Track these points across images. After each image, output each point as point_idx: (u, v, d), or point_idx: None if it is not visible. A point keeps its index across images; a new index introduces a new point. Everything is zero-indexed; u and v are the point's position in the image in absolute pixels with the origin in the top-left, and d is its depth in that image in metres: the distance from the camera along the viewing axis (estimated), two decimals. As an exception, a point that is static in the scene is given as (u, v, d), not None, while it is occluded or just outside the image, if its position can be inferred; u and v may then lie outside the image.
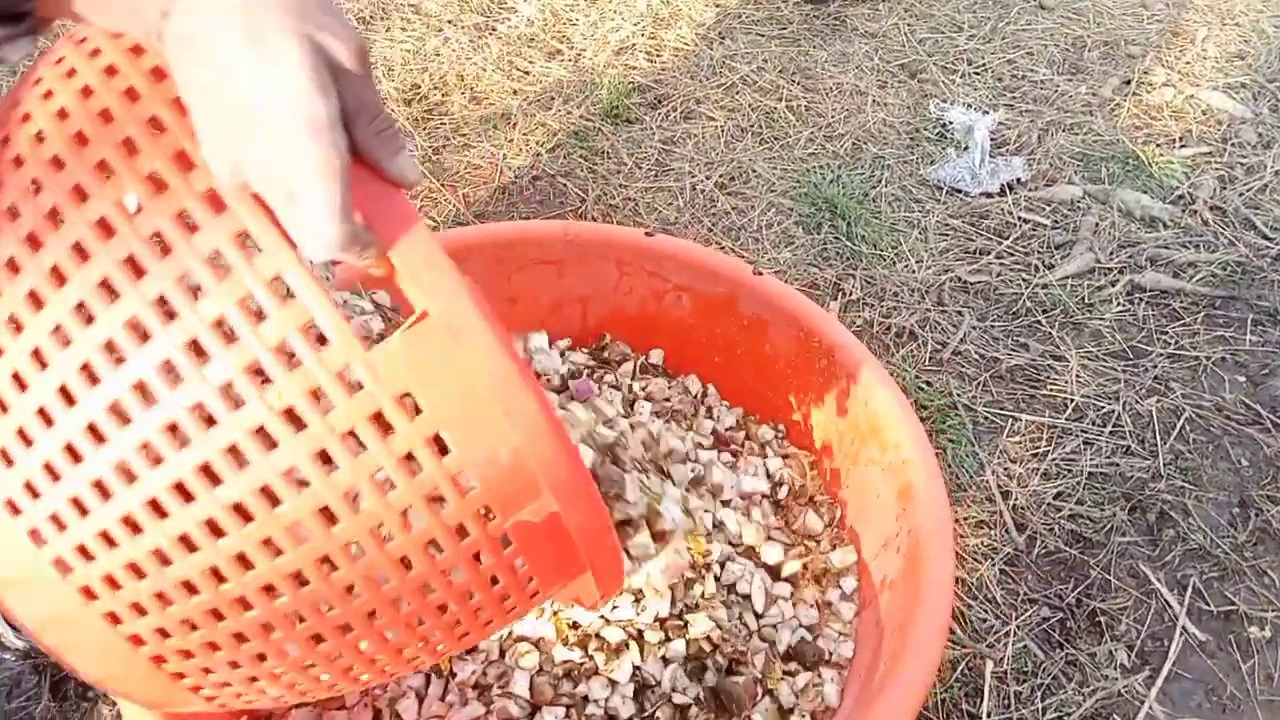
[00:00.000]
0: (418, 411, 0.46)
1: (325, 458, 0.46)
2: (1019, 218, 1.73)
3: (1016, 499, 1.30)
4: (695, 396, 1.09)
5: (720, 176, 1.76)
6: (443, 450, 0.47)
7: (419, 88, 1.90)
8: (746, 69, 2.00)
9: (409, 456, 0.47)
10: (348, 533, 0.47)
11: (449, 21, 2.08)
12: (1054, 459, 1.35)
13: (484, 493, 0.48)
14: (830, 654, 0.87)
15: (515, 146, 1.78)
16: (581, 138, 1.81)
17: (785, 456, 1.03)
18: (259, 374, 0.45)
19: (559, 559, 0.54)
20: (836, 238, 1.66)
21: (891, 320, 1.53)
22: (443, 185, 1.69)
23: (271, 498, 0.46)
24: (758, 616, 0.87)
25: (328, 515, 0.47)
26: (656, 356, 1.12)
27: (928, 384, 1.44)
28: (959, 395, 1.43)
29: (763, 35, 2.10)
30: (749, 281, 1.02)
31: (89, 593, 0.48)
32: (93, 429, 0.45)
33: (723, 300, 1.04)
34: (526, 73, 1.96)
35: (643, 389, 1.06)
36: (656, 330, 1.11)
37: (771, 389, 1.05)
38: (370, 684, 0.57)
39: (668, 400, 1.05)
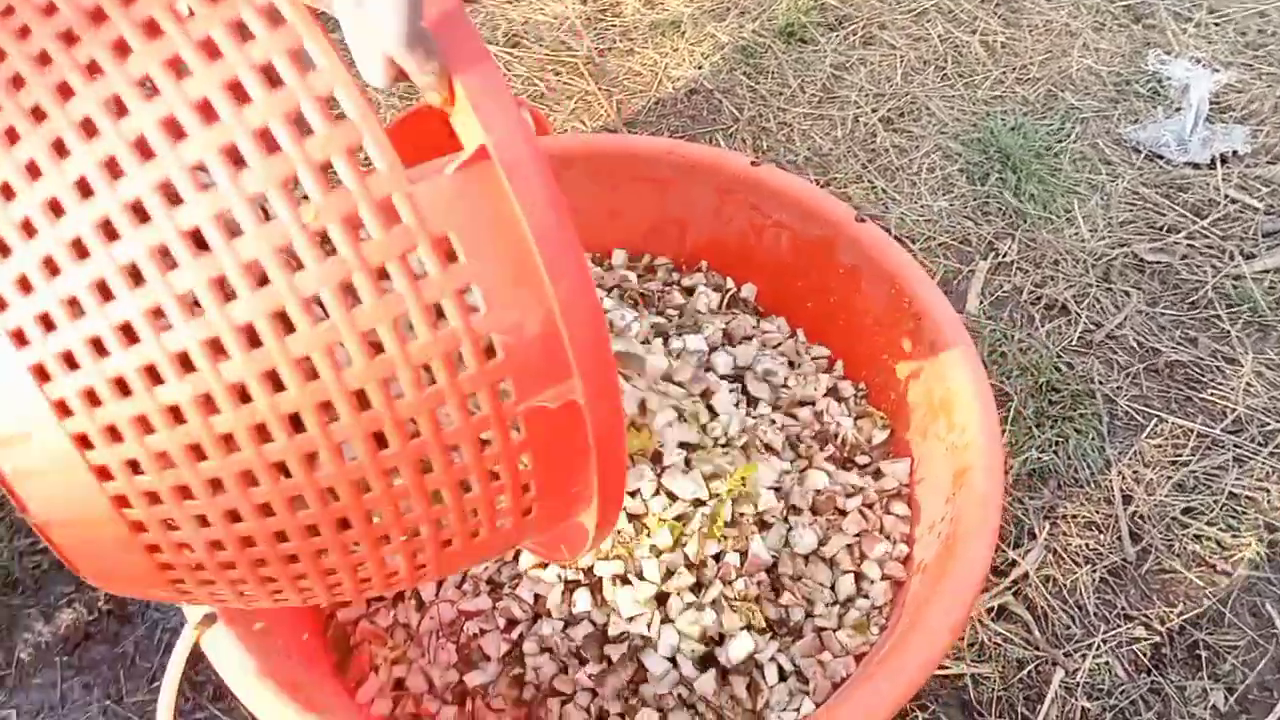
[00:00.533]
0: (453, 259, 0.43)
1: (350, 292, 0.42)
2: (1225, 196, 1.52)
3: (1138, 506, 1.18)
4: (786, 337, 1.04)
5: (889, 110, 1.64)
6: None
7: (598, -14, 1.87)
8: (945, -4, 1.84)
9: (436, 308, 0.43)
10: (357, 377, 0.43)
11: (643, -81, 2.02)
12: (1194, 471, 1.21)
13: (507, 362, 0.44)
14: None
15: (680, 56, 1.73)
16: (749, 54, 1.73)
17: (860, 416, 0.97)
18: (295, 189, 0.42)
19: (566, 465, 0.50)
20: (1002, 192, 1.52)
21: (1044, 290, 1.40)
22: (599, 89, 1.67)
23: (286, 325, 0.43)
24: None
25: (339, 356, 0.43)
26: (748, 291, 1.07)
27: (1068, 365, 1.31)
28: (1101, 383, 1.30)
29: (973, -40, 1.92)
30: (849, 228, 0.95)
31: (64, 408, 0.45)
32: (107, 227, 0.43)
33: (821, 243, 0.98)
34: (709, -20, 1.88)
35: (725, 324, 1.02)
36: (752, 265, 1.06)
37: (858, 344, 0.99)
38: (336, 594, 0.54)
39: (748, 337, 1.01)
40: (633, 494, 0.82)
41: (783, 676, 0.79)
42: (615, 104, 1.66)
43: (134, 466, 0.45)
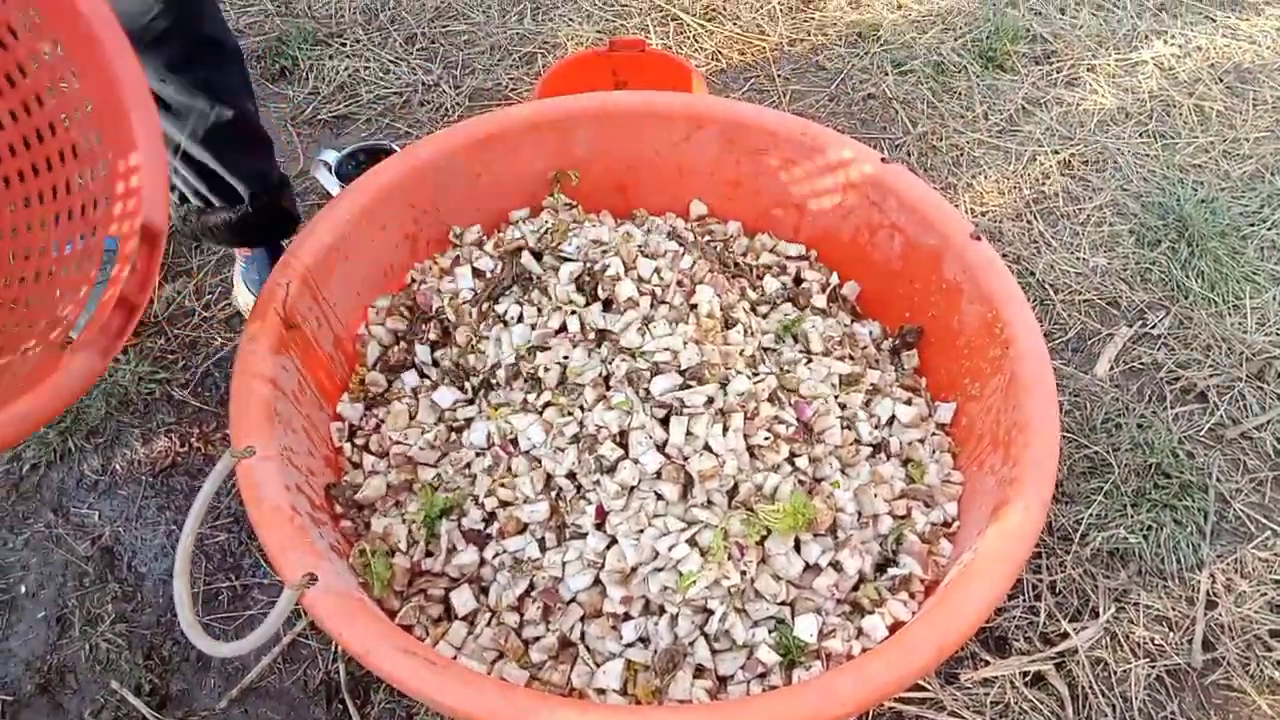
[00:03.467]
0: None
1: None
2: None
3: (1222, 615, 1.09)
4: (874, 342, 1.02)
5: (1071, 154, 1.56)
6: None
7: (808, -22, 1.86)
8: (1168, 50, 1.73)
9: None
10: None
11: (872, -78, 1.99)
12: (1299, 596, 1.10)
13: None
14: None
15: (868, 59, 1.70)
16: (942, 70, 1.68)
17: (927, 437, 0.94)
18: None
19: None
20: (1169, 262, 1.42)
21: (1185, 373, 1.30)
22: (779, 77, 1.67)
23: None
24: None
25: None
26: (850, 289, 1.05)
27: (1188, 454, 1.22)
28: (1220, 480, 1.20)
29: (1210, 18, 1.79)
30: (960, 243, 0.92)
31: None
32: None
33: (930, 254, 0.95)
34: (921, -9, 1.84)
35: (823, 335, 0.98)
36: (862, 264, 1.04)
37: (945, 364, 0.96)
38: None
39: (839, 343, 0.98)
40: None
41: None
42: (788, 91, 1.65)
43: None
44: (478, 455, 0.83)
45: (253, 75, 1.64)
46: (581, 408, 0.80)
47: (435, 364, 0.93)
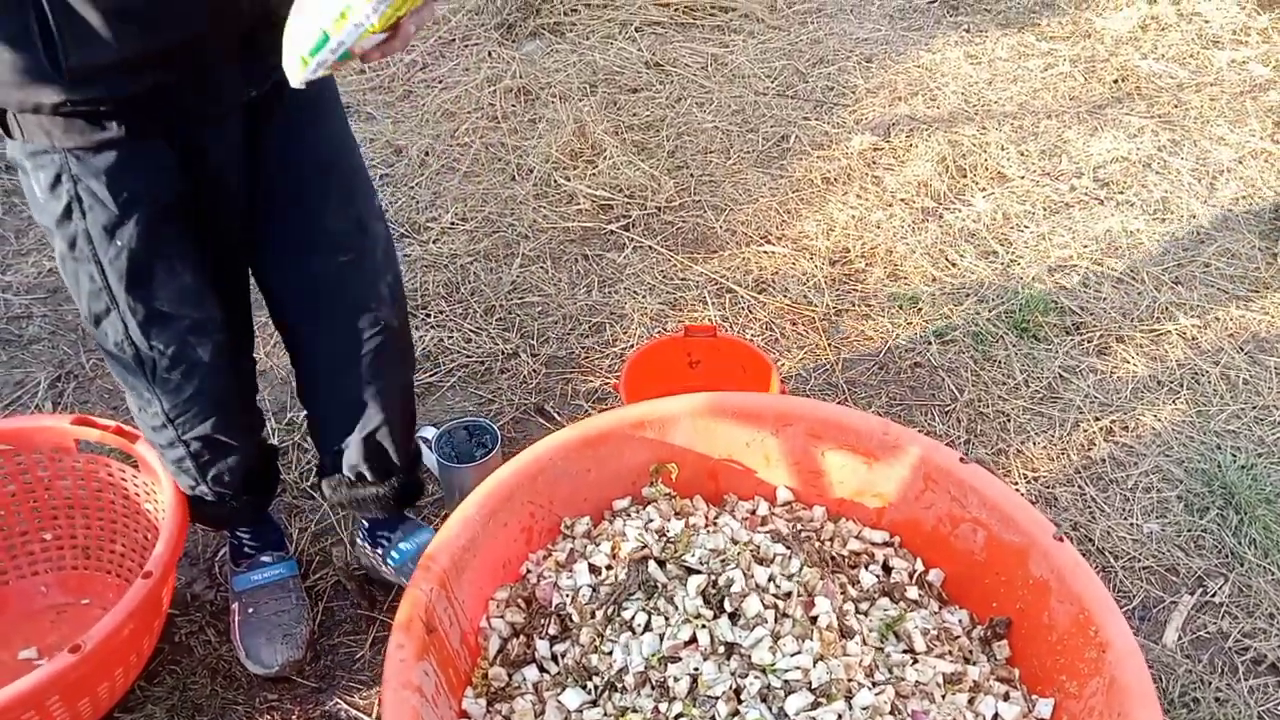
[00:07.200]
0: None
1: None
2: None
3: None
4: (964, 631, 1.07)
5: (1111, 422, 1.66)
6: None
7: (848, 252, 2.04)
8: (1188, 321, 1.86)
9: None
10: None
11: (901, 200, 2.20)
12: None
13: None
14: None
15: (911, 329, 1.84)
16: (979, 340, 1.81)
17: (1027, 733, 0.97)
18: None
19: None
20: (1220, 529, 1.48)
21: (1253, 643, 1.33)
22: (829, 345, 1.80)
23: None
24: None
25: None
26: (935, 576, 1.11)
27: (1269, 731, 1.23)
28: (1306, 760, 1.21)
29: (1224, 290, 1.94)
30: (1044, 543, 0.99)
31: None
32: None
33: (1015, 550, 1.02)
34: (953, 264, 2.01)
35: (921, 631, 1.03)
36: (945, 552, 1.11)
37: (1036, 656, 1.00)
38: None
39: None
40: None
41: None
42: (840, 359, 1.78)
43: None
44: (612, 763, 0.87)
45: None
46: (714, 719, 0.85)
47: (554, 658, 0.98)
